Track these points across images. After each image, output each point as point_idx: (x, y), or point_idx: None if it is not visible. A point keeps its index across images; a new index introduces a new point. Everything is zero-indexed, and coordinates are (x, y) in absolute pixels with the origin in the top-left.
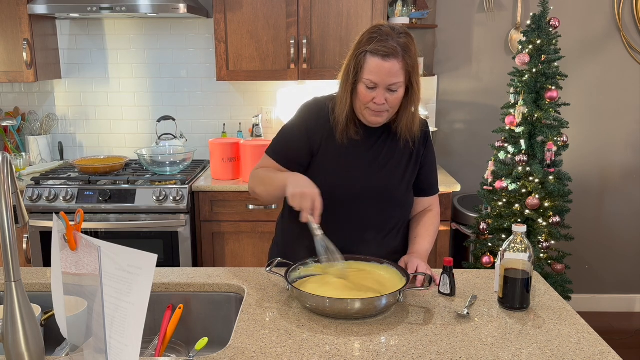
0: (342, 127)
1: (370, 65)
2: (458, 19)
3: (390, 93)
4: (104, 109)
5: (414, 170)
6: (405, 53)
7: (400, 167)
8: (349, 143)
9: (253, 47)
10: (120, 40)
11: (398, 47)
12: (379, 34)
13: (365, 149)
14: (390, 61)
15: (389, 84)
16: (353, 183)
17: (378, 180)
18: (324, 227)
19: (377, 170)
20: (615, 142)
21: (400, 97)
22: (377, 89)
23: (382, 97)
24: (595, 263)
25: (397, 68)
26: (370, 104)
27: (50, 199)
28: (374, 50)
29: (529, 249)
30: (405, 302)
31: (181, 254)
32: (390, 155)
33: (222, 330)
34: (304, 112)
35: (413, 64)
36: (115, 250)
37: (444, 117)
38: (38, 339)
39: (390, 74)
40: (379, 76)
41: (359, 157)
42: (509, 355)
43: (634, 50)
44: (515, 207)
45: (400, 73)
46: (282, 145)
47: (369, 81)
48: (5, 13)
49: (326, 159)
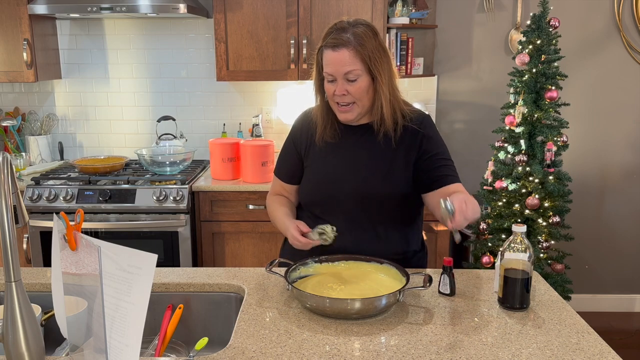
0: (320, 129)
1: (326, 58)
2: (458, 19)
3: (349, 83)
4: (104, 109)
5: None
6: (359, 41)
7: (384, 164)
8: (329, 146)
9: (253, 47)
10: (120, 40)
11: (350, 37)
12: (335, 28)
13: (345, 149)
14: (339, 50)
15: (344, 72)
16: (337, 184)
17: (360, 180)
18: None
19: (358, 170)
20: (615, 142)
21: (363, 87)
22: (337, 81)
23: (342, 87)
24: (595, 263)
25: (348, 56)
26: (334, 98)
27: (50, 199)
28: (327, 44)
29: (528, 249)
30: (405, 302)
31: (181, 254)
32: (367, 153)
33: (222, 330)
34: (293, 124)
35: (370, 52)
36: (115, 250)
37: (444, 117)
38: (38, 339)
39: (342, 63)
40: (332, 66)
41: (339, 158)
42: (509, 355)
43: (634, 50)
44: (515, 207)
45: (353, 61)
46: (280, 163)
47: (327, 74)
48: (5, 13)
49: (311, 163)
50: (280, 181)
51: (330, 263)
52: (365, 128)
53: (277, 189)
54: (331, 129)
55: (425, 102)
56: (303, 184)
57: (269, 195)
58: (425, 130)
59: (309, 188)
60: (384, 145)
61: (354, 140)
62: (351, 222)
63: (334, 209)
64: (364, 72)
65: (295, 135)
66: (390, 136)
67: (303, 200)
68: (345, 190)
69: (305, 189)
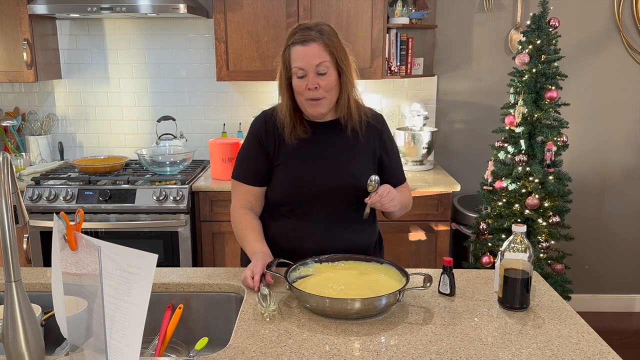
0: (288, 128)
1: (294, 54)
2: (458, 19)
3: (320, 77)
4: (104, 109)
5: (372, 162)
6: (325, 36)
7: (355, 157)
8: (300, 143)
9: (253, 47)
10: (120, 40)
11: (317, 34)
12: (299, 28)
13: (315, 146)
14: (309, 45)
15: (315, 65)
16: (310, 180)
17: (333, 174)
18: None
19: (330, 165)
20: (615, 142)
21: (333, 81)
22: (308, 75)
23: (314, 81)
24: (595, 263)
25: (318, 49)
26: (305, 93)
27: (51, 199)
28: (294, 41)
29: (528, 249)
30: (405, 302)
31: (181, 254)
32: (341, 147)
33: (222, 330)
34: (252, 127)
35: (336, 47)
36: (116, 250)
37: (444, 117)
38: (38, 339)
39: (314, 56)
40: (303, 60)
41: (311, 154)
42: (509, 355)
43: (634, 50)
44: (515, 207)
45: (323, 54)
46: (243, 165)
47: (297, 69)
48: (5, 13)
49: (283, 163)
50: (245, 185)
51: (330, 263)
52: (333, 124)
53: (242, 197)
54: (301, 125)
55: (425, 102)
56: (277, 184)
57: (234, 208)
58: (383, 127)
59: (285, 186)
60: (353, 140)
61: (324, 136)
62: (328, 216)
63: (310, 205)
64: (332, 66)
65: (260, 137)
66: (357, 130)
67: (276, 199)
68: (324, 185)
69: (279, 187)
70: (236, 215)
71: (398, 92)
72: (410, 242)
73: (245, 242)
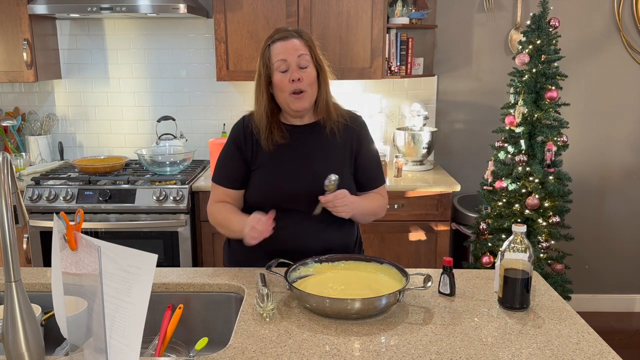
0: (265, 134)
1: (275, 50)
2: (458, 19)
3: (302, 70)
4: (104, 109)
5: (349, 165)
6: (303, 34)
7: (332, 159)
8: (278, 148)
9: (253, 47)
10: (120, 40)
11: (295, 33)
12: (277, 31)
13: (293, 150)
14: (290, 39)
15: (297, 56)
16: (286, 183)
17: (309, 177)
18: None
19: (309, 167)
20: (615, 142)
21: (313, 75)
22: (290, 68)
23: (297, 73)
24: (595, 263)
25: (298, 43)
26: (288, 86)
27: (50, 199)
28: (274, 39)
29: (528, 249)
30: (405, 302)
31: (181, 254)
32: (320, 150)
33: (222, 330)
34: (231, 132)
35: (313, 47)
36: (116, 250)
37: (444, 117)
38: (38, 339)
39: (295, 48)
40: (285, 53)
41: (289, 159)
42: (509, 355)
43: (634, 50)
44: (515, 207)
45: (303, 48)
46: (222, 169)
47: (280, 62)
48: (5, 13)
49: (260, 166)
50: (223, 188)
51: (330, 263)
52: (312, 127)
53: (219, 197)
54: (278, 130)
55: (425, 102)
56: (254, 186)
57: (209, 205)
58: (361, 129)
59: (262, 189)
60: (331, 142)
61: (302, 139)
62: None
63: (288, 207)
64: (311, 62)
65: (238, 141)
66: (335, 132)
67: (253, 201)
68: (302, 186)
69: (257, 190)
70: (213, 210)
71: (398, 92)
72: (410, 242)
73: (231, 224)
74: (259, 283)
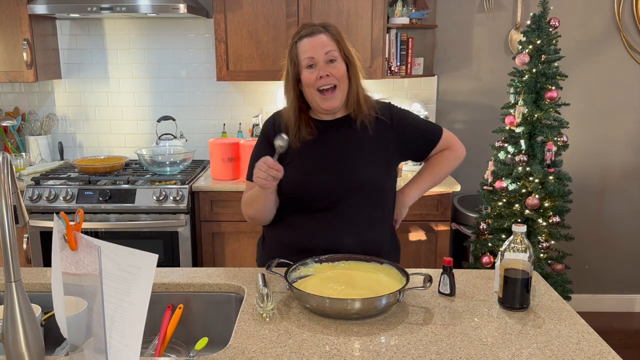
0: (293, 130)
1: (302, 47)
2: (458, 19)
3: (330, 64)
4: (104, 109)
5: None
6: (330, 29)
7: (362, 154)
8: (307, 144)
9: (253, 47)
10: (120, 40)
11: (322, 27)
12: (304, 26)
13: (323, 145)
14: (316, 35)
15: (325, 52)
16: (317, 180)
17: (338, 172)
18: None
19: (338, 162)
20: (615, 142)
21: (343, 70)
22: (318, 64)
23: (325, 69)
24: (595, 263)
25: (325, 38)
26: (316, 83)
27: (50, 199)
28: (300, 36)
29: (528, 249)
30: (405, 302)
31: (181, 254)
32: (349, 145)
33: (222, 330)
34: (263, 128)
35: (341, 40)
36: (115, 250)
37: (444, 117)
38: (38, 339)
39: (323, 44)
40: (312, 50)
41: (318, 154)
42: (509, 355)
43: (634, 50)
44: (515, 207)
45: (330, 42)
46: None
47: (307, 59)
48: (5, 13)
49: (290, 164)
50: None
51: (330, 263)
52: (342, 121)
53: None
54: (306, 126)
55: (425, 102)
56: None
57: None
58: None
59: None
60: (362, 137)
61: (332, 134)
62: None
63: (317, 203)
64: (340, 56)
65: (268, 137)
66: (366, 125)
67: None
68: (331, 182)
69: (287, 186)
70: (244, 199)
71: (398, 92)
72: (410, 242)
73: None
74: (259, 283)
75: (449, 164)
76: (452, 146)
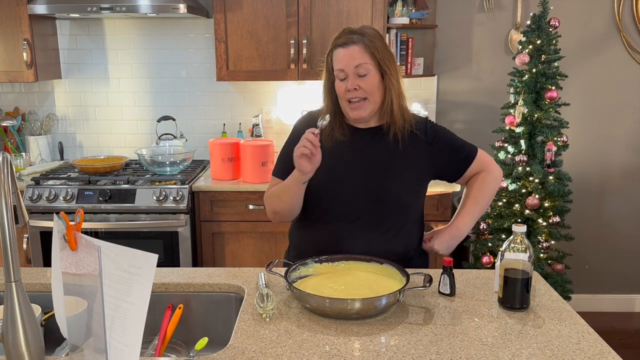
0: (327, 129)
1: (336, 57)
2: (458, 19)
3: (360, 79)
4: (104, 109)
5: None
6: (366, 38)
7: (390, 166)
8: (337, 145)
9: (253, 47)
10: (120, 40)
11: (358, 36)
12: (344, 32)
13: (353, 151)
14: (349, 47)
15: (354, 66)
16: (343, 185)
17: (365, 180)
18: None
19: (365, 171)
20: (615, 142)
21: (375, 83)
22: (348, 77)
23: (353, 82)
24: (595, 263)
25: (358, 51)
26: (346, 94)
27: (50, 199)
28: (337, 44)
29: (529, 249)
30: (405, 302)
31: (181, 254)
32: (378, 156)
33: (222, 330)
34: (296, 125)
35: (378, 49)
36: (116, 250)
37: (443, 117)
38: (38, 339)
39: (353, 57)
40: (343, 62)
41: (347, 159)
42: (509, 355)
43: (634, 50)
44: (515, 207)
45: (363, 55)
46: (281, 162)
47: (338, 71)
48: (5, 13)
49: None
50: (277, 180)
51: (331, 263)
52: (375, 131)
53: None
54: (340, 128)
55: (425, 102)
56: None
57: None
58: (427, 136)
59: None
60: (393, 147)
61: (363, 142)
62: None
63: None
64: (374, 67)
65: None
66: (398, 138)
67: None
68: (357, 189)
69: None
70: (268, 194)
71: None
72: None
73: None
74: (259, 283)
75: (491, 188)
76: (488, 168)
